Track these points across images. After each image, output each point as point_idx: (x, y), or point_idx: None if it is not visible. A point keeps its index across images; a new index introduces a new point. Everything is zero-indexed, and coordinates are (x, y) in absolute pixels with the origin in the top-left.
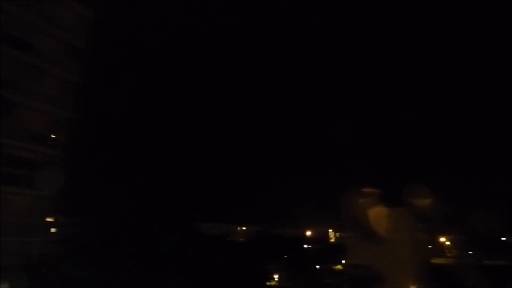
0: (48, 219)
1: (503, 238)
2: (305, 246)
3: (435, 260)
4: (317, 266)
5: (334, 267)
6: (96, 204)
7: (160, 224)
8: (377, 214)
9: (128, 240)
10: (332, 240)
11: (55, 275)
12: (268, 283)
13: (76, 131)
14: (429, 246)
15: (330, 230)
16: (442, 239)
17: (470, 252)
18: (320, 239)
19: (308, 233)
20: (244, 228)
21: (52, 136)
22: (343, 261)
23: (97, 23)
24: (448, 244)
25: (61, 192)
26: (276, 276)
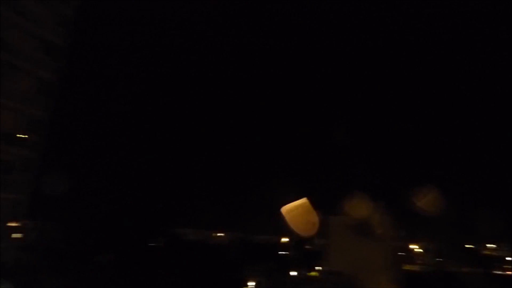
0: (14, 224)
1: (470, 246)
2: (282, 252)
3: (406, 267)
4: (293, 273)
5: (310, 274)
6: (70, 209)
7: (137, 230)
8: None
9: (103, 246)
10: (309, 247)
11: (20, 283)
12: None
13: (51, 132)
14: (401, 253)
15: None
16: (413, 246)
17: (439, 259)
18: (297, 246)
19: (285, 239)
20: (221, 234)
21: (25, 136)
22: (319, 268)
23: (77, 21)
24: (419, 252)
25: (32, 196)
26: (252, 283)
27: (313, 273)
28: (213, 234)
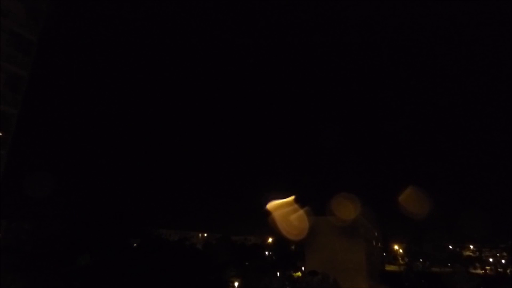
0: None
1: (450, 247)
2: (266, 253)
3: (388, 267)
4: (277, 273)
5: (293, 274)
6: (43, 208)
7: (115, 229)
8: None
9: (78, 248)
10: (293, 247)
11: None
12: None
13: (19, 128)
14: (384, 254)
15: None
16: (395, 247)
17: (421, 260)
18: (281, 246)
19: (269, 240)
20: (205, 235)
21: None
22: (303, 268)
23: (51, 16)
24: (401, 252)
25: (3, 195)
26: (236, 283)
27: (297, 274)
28: (197, 235)
